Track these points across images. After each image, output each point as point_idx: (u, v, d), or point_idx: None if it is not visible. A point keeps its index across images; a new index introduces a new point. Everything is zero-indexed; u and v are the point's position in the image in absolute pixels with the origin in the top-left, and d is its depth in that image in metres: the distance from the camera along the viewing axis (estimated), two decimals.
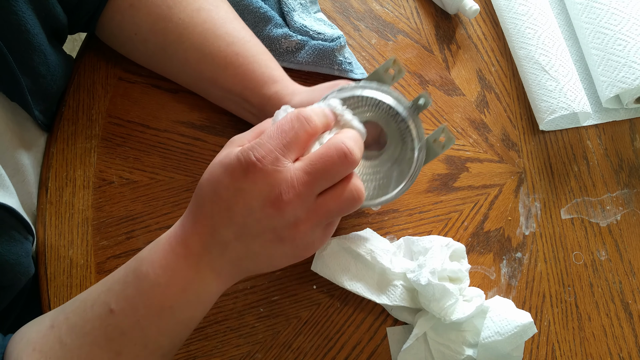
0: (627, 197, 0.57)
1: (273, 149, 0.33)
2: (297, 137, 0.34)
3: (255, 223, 0.34)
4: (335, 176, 0.34)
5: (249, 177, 0.33)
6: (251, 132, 0.37)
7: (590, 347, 0.52)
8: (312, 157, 0.34)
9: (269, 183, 0.32)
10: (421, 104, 0.39)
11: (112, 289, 0.36)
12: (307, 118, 0.34)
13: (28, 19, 0.42)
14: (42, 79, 0.45)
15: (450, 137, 0.41)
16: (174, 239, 0.35)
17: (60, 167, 0.50)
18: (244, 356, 0.47)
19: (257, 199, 0.33)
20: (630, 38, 0.54)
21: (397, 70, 0.40)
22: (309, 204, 0.34)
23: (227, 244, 0.35)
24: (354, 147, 0.34)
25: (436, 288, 0.43)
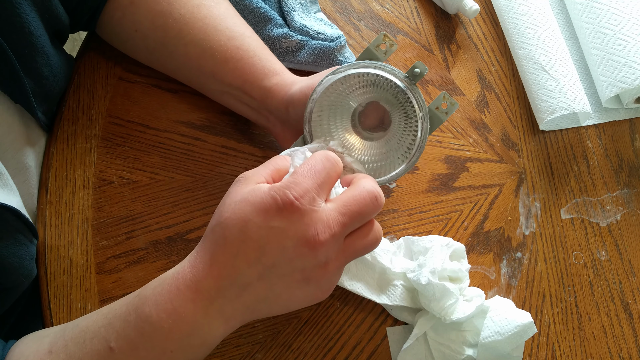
0: (627, 197, 0.57)
1: (310, 188, 0.33)
2: (329, 178, 0.34)
3: (286, 263, 0.33)
4: (366, 218, 0.35)
5: (285, 216, 0.32)
6: (265, 169, 0.36)
7: (590, 347, 0.52)
8: (345, 199, 0.34)
9: (306, 223, 0.32)
10: (417, 73, 0.39)
11: (113, 325, 0.35)
12: (336, 159, 0.35)
13: (32, 21, 0.42)
14: (45, 80, 0.45)
15: (453, 102, 0.41)
16: (182, 280, 0.34)
17: (60, 167, 0.50)
18: (244, 356, 0.47)
19: (292, 238, 0.32)
20: (630, 38, 0.54)
21: (389, 44, 0.40)
22: (340, 244, 0.34)
23: (247, 286, 0.33)
24: (381, 192, 0.35)
25: (436, 288, 0.43)
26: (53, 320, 0.46)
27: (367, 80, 0.40)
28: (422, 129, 0.40)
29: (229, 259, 0.33)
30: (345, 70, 0.40)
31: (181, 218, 0.50)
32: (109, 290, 0.47)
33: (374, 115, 0.43)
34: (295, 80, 0.46)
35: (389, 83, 0.40)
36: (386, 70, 0.40)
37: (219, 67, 0.47)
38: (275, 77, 0.46)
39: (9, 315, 0.49)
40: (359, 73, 0.39)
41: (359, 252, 0.36)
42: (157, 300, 0.34)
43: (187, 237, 0.49)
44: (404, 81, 0.40)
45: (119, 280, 0.47)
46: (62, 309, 0.46)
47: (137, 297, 0.35)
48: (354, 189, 0.35)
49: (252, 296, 0.34)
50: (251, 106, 0.48)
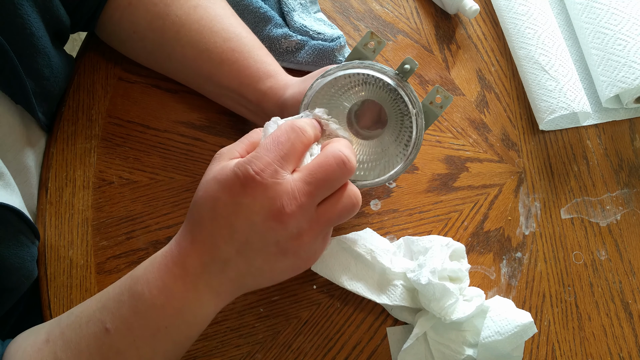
0: (627, 197, 0.57)
1: (271, 161, 0.32)
2: (293, 148, 0.34)
3: (258, 238, 0.33)
4: (334, 184, 0.34)
5: (249, 192, 0.32)
6: (240, 144, 0.36)
7: (590, 347, 0.52)
8: (311, 167, 0.33)
9: (270, 196, 0.32)
10: (407, 69, 0.38)
11: (107, 307, 0.35)
12: (302, 129, 0.34)
13: (33, 22, 0.42)
14: (46, 81, 0.45)
15: (447, 95, 0.40)
16: (170, 258, 0.35)
17: (60, 168, 0.50)
18: (244, 356, 0.47)
19: (258, 213, 0.32)
20: (630, 38, 0.54)
21: (377, 42, 0.40)
22: (311, 214, 0.34)
23: (228, 261, 0.34)
24: (350, 155, 0.34)
25: (436, 287, 0.43)
26: None
27: (357, 80, 0.40)
28: (417, 125, 0.40)
29: (206, 237, 0.34)
30: (334, 73, 0.39)
31: (181, 218, 0.50)
32: None
33: (370, 113, 0.43)
34: (288, 83, 0.46)
35: (379, 82, 0.39)
36: (375, 69, 0.39)
37: (215, 69, 0.47)
38: (269, 79, 0.46)
39: (10, 316, 0.49)
40: (348, 74, 0.39)
41: (334, 219, 0.35)
42: (148, 278, 0.34)
43: None
44: (394, 78, 0.39)
45: None
46: (62, 309, 0.46)
47: (129, 278, 0.36)
48: (320, 156, 0.34)
49: (235, 270, 0.34)
50: (248, 108, 0.48)
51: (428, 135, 0.56)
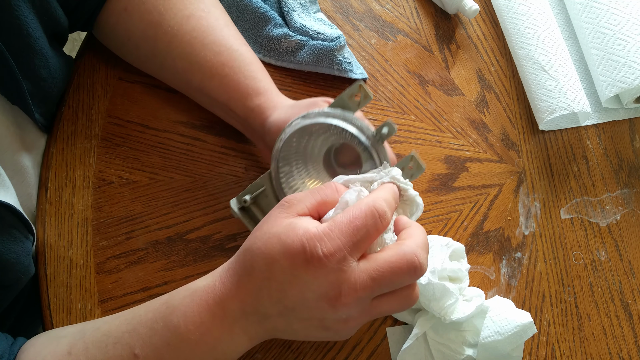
0: (627, 197, 0.57)
1: (342, 246, 0.31)
2: (368, 236, 0.32)
3: (305, 311, 0.33)
4: (398, 286, 0.33)
5: (311, 270, 0.31)
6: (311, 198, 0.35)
7: (590, 347, 0.52)
8: (380, 264, 0.32)
9: (331, 281, 0.31)
10: (385, 133, 0.38)
11: (138, 332, 0.35)
12: (382, 215, 0.33)
13: (30, 23, 0.42)
14: (43, 82, 0.45)
15: (419, 166, 0.40)
16: (211, 296, 0.34)
17: (60, 167, 0.50)
18: (243, 356, 0.47)
19: (314, 292, 0.32)
20: (630, 38, 0.54)
21: (363, 95, 0.39)
22: (365, 305, 0.33)
23: (268, 317, 0.34)
24: (425, 260, 0.33)
25: (436, 287, 0.43)
26: (53, 320, 0.46)
27: (334, 130, 0.39)
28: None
29: (253, 289, 0.33)
30: (314, 118, 0.39)
31: (181, 218, 0.50)
32: (108, 291, 0.47)
33: (349, 153, 0.42)
34: (276, 104, 0.45)
35: (354, 139, 0.39)
36: (355, 125, 0.38)
37: (206, 82, 0.47)
38: (258, 97, 0.46)
39: (8, 315, 0.49)
40: (326, 124, 0.38)
41: (385, 312, 0.35)
42: (186, 311, 0.34)
43: (187, 237, 0.49)
44: (370, 138, 0.38)
45: (118, 281, 0.47)
46: (62, 309, 0.46)
47: (164, 305, 0.35)
48: (393, 252, 0.33)
49: (272, 326, 0.34)
50: (237, 121, 0.48)
51: (428, 135, 0.56)
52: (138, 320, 0.35)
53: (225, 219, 0.50)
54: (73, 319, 0.46)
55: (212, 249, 0.49)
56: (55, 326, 0.45)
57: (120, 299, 0.47)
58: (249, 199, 0.42)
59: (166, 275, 0.48)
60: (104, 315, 0.46)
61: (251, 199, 0.42)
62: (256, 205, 0.43)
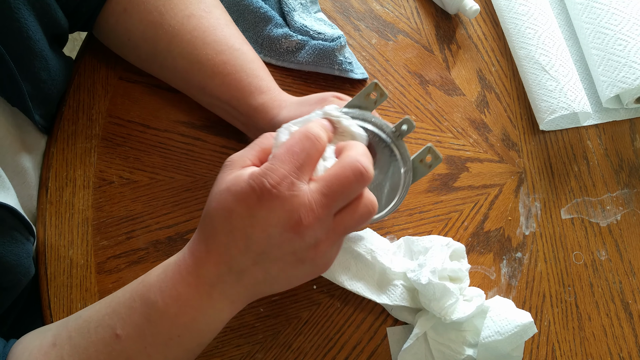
0: (627, 197, 0.57)
1: (287, 173, 0.32)
2: (309, 158, 0.33)
3: (274, 249, 0.33)
4: (351, 194, 0.34)
5: (265, 204, 0.32)
6: (251, 150, 0.36)
7: (590, 347, 0.52)
8: (328, 178, 0.33)
9: (287, 209, 0.32)
10: (404, 129, 0.39)
11: (118, 312, 0.35)
12: (317, 136, 0.34)
13: (30, 26, 0.42)
14: (43, 84, 0.45)
15: (437, 157, 0.40)
16: (184, 267, 0.34)
17: (60, 167, 0.50)
18: (244, 356, 0.47)
19: (275, 225, 0.32)
20: (630, 38, 0.54)
21: (379, 94, 0.40)
22: (328, 224, 0.33)
23: (244, 271, 0.34)
24: (368, 164, 0.34)
25: (437, 287, 0.43)
26: (53, 320, 0.46)
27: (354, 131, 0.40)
28: (405, 181, 0.40)
29: (221, 247, 0.34)
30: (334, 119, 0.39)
31: (181, 218, 0.50)
32: (109, 290, 0.47)
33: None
34: (282, 103, 0.45)
35: (375, 136, 0.39)
36: (374, 124, 0.39)
37: (207, 81, 0.47)
38: (261, 95, 0.46)
39: (8, 315, 0.49)
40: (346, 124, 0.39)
41: (351, 227, 0.35)
42: (162, 286, 0.34)
43: (187, 237, 0.49)
44: (390, 135, 0.39)
45: (119, 280, 0.47)
46: (62, 309, 0.46)
47: (140, 284, 0.35)
48: (337, 166, 0.33)
49: (251, 279, 0.34)
50: (240, 120, 0.48)
51: (428, 135, 0.56)
52: (117, 302, 0.36)
53: None
54: None
55: None
56: None
57: None
58: None
59: None
60: None
61: None
62: None
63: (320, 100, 0.43)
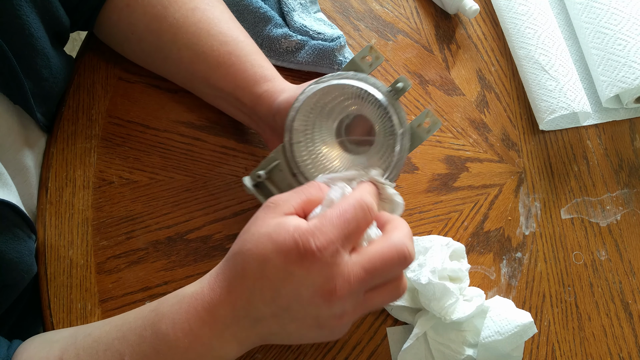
0: (627, 197, 0.57)
1: (335, 239, 0.31)
2: (358, 228, 0.33)
3: (299, 309, 0.33)
4: (390, 276, 0.34)
5: (305, 265, 0.31)
6: (297, 197, 0.35)
7: (590, 347, 0.52)
8: (372, 255, 0.32)
9: (325, 275, 0.31)
10: (400, 87, 0.38)
11: (127, 339, 0.34)
12: (370, 208, 0.33)
13: (32, 23, 0.42)
14: (45, 81, 0.45)
15: (436, 121, 0.40)
16: (200, 302, 0.34)
17: (60, 167, 0.50)
18: (243, 356, 0.47)
19: (308, 287, 0.31)
20: (630, 38, 0.54)
21: (375, 57, 0.39)
22: (359, 299, 0.33)
23: (261, 320, 0.33)
24: (413, 249, 0.33)
25: (437, 287, 0.43)
26: (53, 320, 0.46)
27: (349, 92, 0.39)
28: (401, 146, 0.39)
29: (244, 291, 0.33)
30: (327, 81, 0.39)
31: (181, 218, 0.50)
32: (109, 290, 0.47)
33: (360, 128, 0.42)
34: (284, 88, 0.45)
35: (369, 97, 0.39)
36: (369, 83, 0.38)
37: (211, 72, 0.47)
38: (265, 83, 0.46)
39: (10, 315, 0.49)
40: (341, 84, 0.38)
41: (377, 305, 0.35)
42: (175, 319, 0.34)
43: (187, 237, 0.49)
44: (386, 95, 0.38)
45: (119, 280, 0.47)
46: (62, 309, 0.46)
47: (153, 312, 0.35)
48: (383, 243, 0.33)
49: (266, 329, 0.34)
50: (243, 111, 0.48)
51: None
52: (128, 327, 0.35)
53: (225, 218, 0.50)
54: (73, 318, 0.46)
55: (212, 248, 0.49)
56: (55, 326, 0.45)
57: (121, 299, 0.47)
58: (263, 174, 0.41)
59: (166, 275, 0.48)
60: (104, 315, 0.46)
61: (265, 174, 0.41)
62: (270, 180, 0.42)
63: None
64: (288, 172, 0.42)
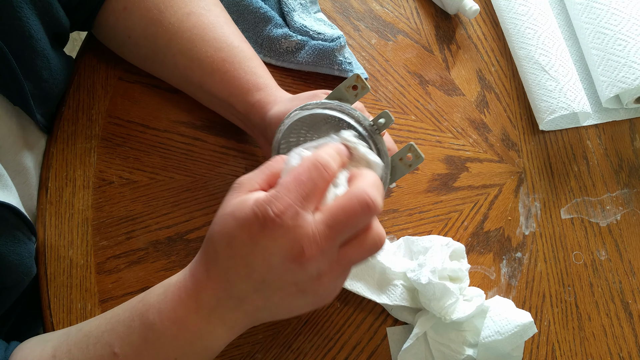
0: (627, 197, 0.57)
1: (292, 202, 0.31)
2: (315, 187, 0.32)
3: (276, 278, 0.32)
4: (357, 227, 0.33)
5: (268, 233, 0.31)
6: (260, 174, 0.35)
7: (590, 347, 0.52)
8: (333, 210, 0.32)
9: (290, 239, 0.31)
10: (382, 123, 0.38)
11: (116, 330, 0.35)
12: (325, 165, 0.33)
13: (32, 24, 0.42)
14: (44, 83, 0.45)
15: (418, 156, 0.39)
16: (184, 290, 0.34)
17: (60, 167, 0.50)
18: (244, 356, 0.47)
19: (277, 255, 0.31)
20: (630, 38, 0.55)
21: (361, 87, 0.39)
22: (332, 256, 0.33)
23: (244, 298, 0.33)
24: (376, 196, 0.32)
25: (437, 287, 0.43)
26: (53, 320, 0.46)
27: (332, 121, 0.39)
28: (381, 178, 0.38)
29: (222, 273, 0.33)
30: (312, 109, 0.39)
31: (181, 218, 0.50)
32: (109, 290, 0.47)
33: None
34: (276, 98, 0.45)
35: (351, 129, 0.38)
36: (352, 116, 0.38)
37: (206, 78, 0.47)
38: (258, 92, 0.46)
39: (9, 315, 0.49)
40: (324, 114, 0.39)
41: (356, 260, 0.34)
42: (161, 307, 0.34)
43: (187, 237, 0.49)
44: (367, 129, 0.38)
45: (119, 280, 0.47)
46: (62, 309, 0.46)
47: (140, 303, 0.35)
48: (344, 197, 0.32)
49: (251, 306, 0.34)
50: (237, 117, 0.48)
51: (428, 135, 0.56)
52: (116, 319, 0.35)
53: None
54: (73, 318, 0.46)
55: None
56: (55, 326, 0.46)
57: (121, 299, 0.47)
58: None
59: (166, 275, 0.48)
60: None
61: None
62: None
63: (311, 97, 0.43)
64: None
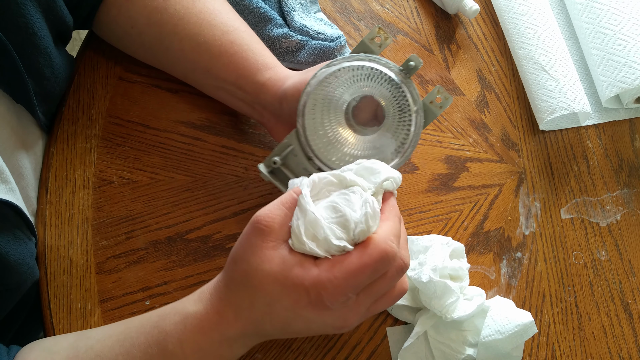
0: (627, 197, 0.57)
1: (347, 292, 0.32)
2: (373, 278, 0.34)
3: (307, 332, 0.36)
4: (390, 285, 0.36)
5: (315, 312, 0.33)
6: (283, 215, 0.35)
7: (590, 347, 0.52)
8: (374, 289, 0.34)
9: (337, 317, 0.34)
10: (412, 66, 0.39)
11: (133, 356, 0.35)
12: (392, 257, 0.33)
13: (36, 22, 0.42)
14: (47, 81, 0.45)
15: (447, 97, 0.40)
16: (207, 323, 0.35)
17: (60, 167, 0.50)
18: (244, 356, 0.47)
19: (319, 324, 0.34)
20: (630, 38, 0.55)
21: (383, 37, 0.40)
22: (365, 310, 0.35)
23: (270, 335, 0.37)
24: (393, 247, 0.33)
25: (437, 285, 0.43)
26: (53, 320, 0.46)
27: (361, 73, 0.40)
28: (416, 122, 0.40)
29: (254, 321, 0.35)
30: (339, 63, 0.39)
31: (181, 218, 0.50)
32: (109, 290, 0.47)
33: (367, 109, 0.43)
34: (288, 75, 0.46)
35: (383, 76, 0.39)
36: (380, 63, 0.39)
37: (214, 61, 0.47)
38: (268, 71, 0.46)
39: (14, 321, 0.48)
40: (353, 66, 0.39)
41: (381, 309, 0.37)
42: (181, 339, 0.35)
43: (187, 237, 0.49)
44: (398, 74, 0.39)
45: (119, 280, 0.47)
46: (62, 309, 0.46)
47: (155, 329, 0.36)
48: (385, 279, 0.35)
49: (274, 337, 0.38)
50: (245, 101, 0.48)
51: (428, 135, 0.56)
52: (131, 343, 0.36)
53: (225, 218, 0.50)
54: (73, 318, 0.46)
55: (212, 248, 0.49)
56: (55, 326, 0.45)
57: (121, 299, 0.47)
58: (279, 160, 0.42)
59: (166, 275, 0.48)
60: (104, 315, 0.46)
61: (281, 160, 0.42)
62: (285, 166, 0.43)
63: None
64: (303, 156, 0.42)
